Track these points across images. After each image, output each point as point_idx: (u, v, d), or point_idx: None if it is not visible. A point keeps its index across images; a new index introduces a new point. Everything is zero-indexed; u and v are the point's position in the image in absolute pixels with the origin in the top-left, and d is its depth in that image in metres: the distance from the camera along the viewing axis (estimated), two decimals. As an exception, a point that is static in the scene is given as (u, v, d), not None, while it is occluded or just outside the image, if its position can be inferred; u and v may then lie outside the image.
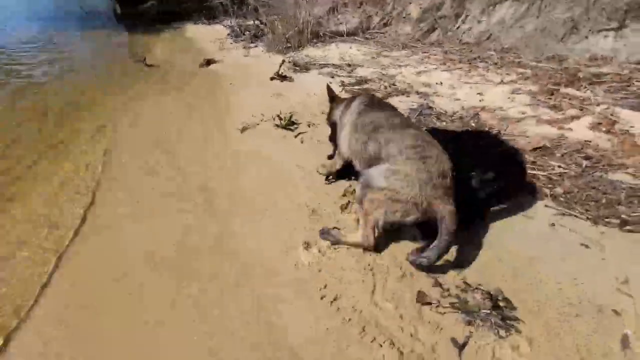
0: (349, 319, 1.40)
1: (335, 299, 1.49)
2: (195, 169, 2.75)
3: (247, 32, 8.75)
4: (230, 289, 1.62)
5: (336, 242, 1.79)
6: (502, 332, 1.26)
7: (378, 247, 1.70)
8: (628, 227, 1.86)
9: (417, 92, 4.09)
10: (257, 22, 8.88)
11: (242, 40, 8.24)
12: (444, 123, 3.27)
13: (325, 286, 1.55)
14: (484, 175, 2.14)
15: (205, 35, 10.25)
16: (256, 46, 7.47)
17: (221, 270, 1.74)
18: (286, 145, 2.93)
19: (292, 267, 1.68)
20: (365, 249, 1.72)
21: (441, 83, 4.35)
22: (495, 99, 3.78)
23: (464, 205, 1.64)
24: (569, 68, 4.43)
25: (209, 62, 6.41)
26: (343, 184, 2.25)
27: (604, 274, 1.49)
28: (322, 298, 1.50)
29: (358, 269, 1.62)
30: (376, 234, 1.66)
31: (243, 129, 3.30)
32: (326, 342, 1.33)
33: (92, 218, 2.20)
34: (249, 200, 2.27)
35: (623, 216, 1.95)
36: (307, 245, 1.80)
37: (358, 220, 1.74)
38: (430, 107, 3.60)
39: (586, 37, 4.87)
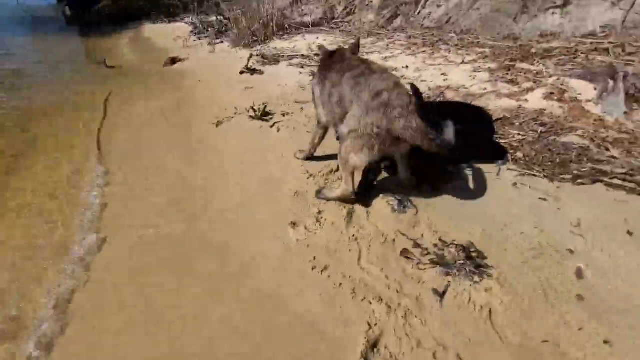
0: (340, 284, 1.50)
1: (325, 269, 1.59)
2: (173, 166, 2.76)
3: (211, 29, 8.57)
4: (225, 277, 1.68)
5: (326, 199, 2.00)
6: (476, 278, 1.41)
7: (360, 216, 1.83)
8: (579, 181, 2.09)
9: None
10: (220, 17, 8.71)
11: (206, 37, 8.07)
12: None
13: (314, 258, 1.65)
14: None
15: (165, 34, 9.94)
16: (221, 42, 7.34)
17: (212, 259, 1.80)
18: (263, 134, 2.98)
19: (281, 246, 1.77)
20: (347, 200, 1.91)
21: (407, 67, 4.51)
22: (458, 78, 3.98)
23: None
24: (523, 45, 4.71)
25: (174, 61, 6.26)
26: (322, 165, 2.35)
27: (560, 221, 1.69)
28: (312, 269, 1.60)
29: (344, 240, 1.73)
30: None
31: (218, 123, 3.31)
32: (321, 306, 1.43)
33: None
34: (232, 192, 2.31)
35: (575, 172, 2.17)
36: (294, 225, 1.89)
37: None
38: (398, 90, 3.74)
39: (535, 16, 5.19)
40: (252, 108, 3.36)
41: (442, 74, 4.13)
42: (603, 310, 1.26)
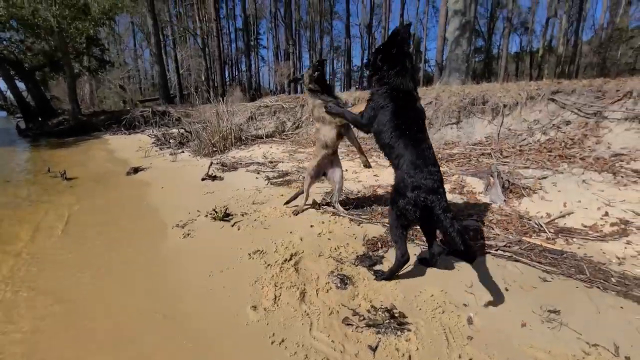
0: (295, 352, 1.81)
1: (282, 341, 1.90)
2: (137, 267, 2.98)
3: (172, 140, 9.38)
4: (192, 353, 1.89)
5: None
6: (399, 332, 1.83)
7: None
8: (474, 254, 2.76)
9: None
10: (181, 130, 9.64)
11: (167, 148, 8.79)
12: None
13: (273, 334, 1.96)
14: None
15: (126, 144, 10.54)
16: (182, 152, 8.06)
17: (180, 335, 2.01)
18: (224, 233, 3.40)
19: (244, 325, 2.06)
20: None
21: (347, 170, 5.44)
22: (387, 178, 4.93)
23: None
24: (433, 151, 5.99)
25: (136, 170, 6.65)
26: (277, 256, 2.78)
27: (458, 284, 2.25)
28: (272, 343, 1.90)
29: (297, 315, 2.08)
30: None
31: (183, 225, 3.68)
32: (279, 372, 1.71)
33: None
34: (198, 285, 2.60)
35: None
36: (254, 308, 2.21)
37: None
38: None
39: (439, 130, 6.77)
40: (214, 210, 3.83)
41: (374, 175, 5.09)
42: (486, 344, 1.73)
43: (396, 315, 1.96)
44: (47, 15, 13.24)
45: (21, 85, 17.91)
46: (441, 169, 5.09)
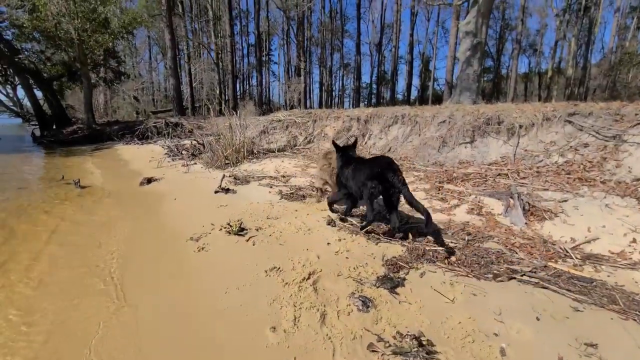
0: (319, 379, 1.73)
1: (304, 367, 1.82)
2: (149, 278, 2.93)
3: (185, 152, 9.45)
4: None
5: None
6: (428, 362, 1.75)
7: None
8: (499, 279, 2.66)
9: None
10: (194, 142, 9.72)
11: (180, 159, 8.85)
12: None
13: (295, 358, 1.88)
14: None
15: (139, 155, 10.64)
16: (195, 163, 8.09)
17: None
18: (239, 248, 3.35)
19: (263, 347, 1.99)
20: None
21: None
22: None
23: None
24: (447, 170, 5.96)
25: (149, 180, 6.68)
26: (294, 274, 2.72)
27: (486, 311, 2.16)
28: (294, 368, 1.82)
29: (318, 339, 2.00)
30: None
31: (197, 239, 3.63)
32: (303, 401, 1.62)
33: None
34: (214, 302, 2.53)
35: (495, 271, 2.77)
36: (273, 329, 2.14)
37: None
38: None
39: (453, 148, 6.72)
40: (228, 224, 3.79)
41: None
42: (521, 379, 1.64)
43: (424, 343, 1.87)
44: (69, 28, 13.71)
45: (38, 93, 18.41)
46: (457, 188, 5.03)
